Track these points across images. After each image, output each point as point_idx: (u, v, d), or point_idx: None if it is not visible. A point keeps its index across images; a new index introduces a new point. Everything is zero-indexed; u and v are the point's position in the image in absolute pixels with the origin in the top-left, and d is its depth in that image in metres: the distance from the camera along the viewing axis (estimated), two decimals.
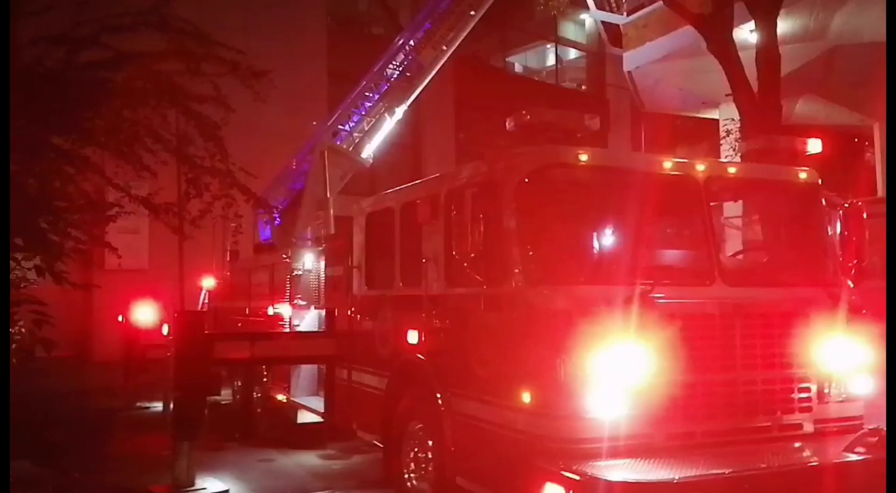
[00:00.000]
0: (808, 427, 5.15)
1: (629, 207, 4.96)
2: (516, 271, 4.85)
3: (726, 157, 14.34)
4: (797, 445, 5.00)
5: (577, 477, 4.27)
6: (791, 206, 5.76)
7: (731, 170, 5.41)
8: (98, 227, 6.34)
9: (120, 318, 12.43)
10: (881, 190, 17.36)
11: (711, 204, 5.29)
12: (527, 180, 4.92)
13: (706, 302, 4.95)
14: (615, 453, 4.51)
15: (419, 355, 6.00)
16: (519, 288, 4.80)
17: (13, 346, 5.54)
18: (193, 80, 5.37)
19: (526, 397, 4.72)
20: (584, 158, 4.90)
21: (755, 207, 5.88)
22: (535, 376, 4.68)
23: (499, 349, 5.02)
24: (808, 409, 5.16)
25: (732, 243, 6.00)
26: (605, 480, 4.20)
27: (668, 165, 5.19)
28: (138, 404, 12.23)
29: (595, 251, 5.11)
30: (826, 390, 5.21)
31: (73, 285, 5.71)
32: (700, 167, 5.25)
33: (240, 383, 10.58)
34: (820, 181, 5.69)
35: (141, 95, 5.01)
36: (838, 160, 5.53)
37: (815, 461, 4.79)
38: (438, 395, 5.65)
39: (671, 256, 5.49)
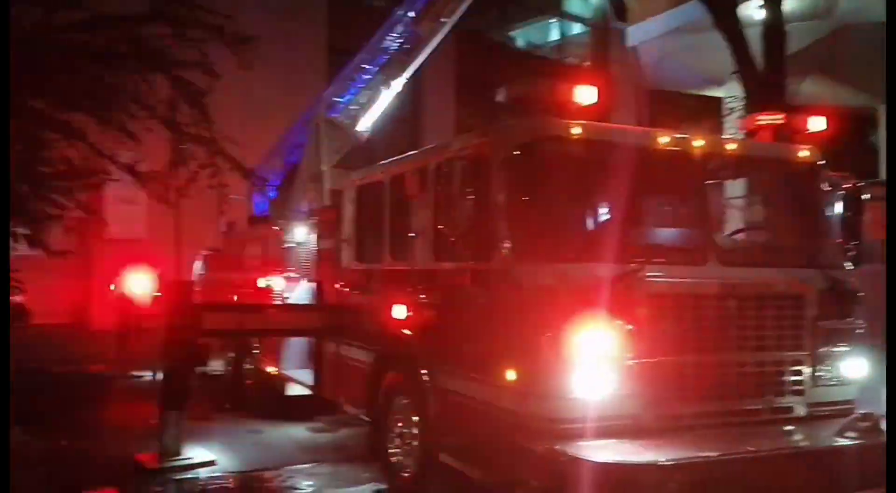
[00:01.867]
0: (800, 411, 5.06)
1: (622, 182, 4.82)
2: (504, 246, 4.73)
3: (730, 135, 14.18)
4: (788, 428, 4.92)
5: (559, 456, 4.19)
6: (791, 185, 5.61)
7: (730, 146, 5.26)
8: (84, 194, 6.21)
9: (112, 287, 12.36)
10: (884, 171, 17.19)
11: (708, 181, 5.15)
12: (517, 153, 4.77)
13: (698, 281, 4.83)
14: (601, 433, 4.43)
15: (405, 331, 5.91)
16: (506, 264, 4.68)
17: None
18: (179, 47, 5.21)
19: (511, 375, 4.62)
20: (576, 131, 4.75)
21: (754, 186, 5.74)
22: (521, 353, 4.58)
23: (485, 326, 4.92)
24: (801, 392, 5.07)
25: (734, 224, 5.86)
26: (588, 460, 4.12)
27: (664, 140, 5.03)
28: (130, 373, 12.19)
29: (586, 228, 4.99)
30: (819, 374, 5.11)
31: (53, 253, 5.60)
32: (697, 143, 5.10)
33: (232, 355, 10.53)
34: (821, 161, 5.54)
35: (122, 58, 4.86)
36: (842, 141, 5.39)
37: (805, 446, 4.71)
38: (424, 371, 5.57)
39: (664, 234, 5.37)
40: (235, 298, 10.38)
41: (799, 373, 5.07)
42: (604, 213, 5.03)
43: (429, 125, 23.33)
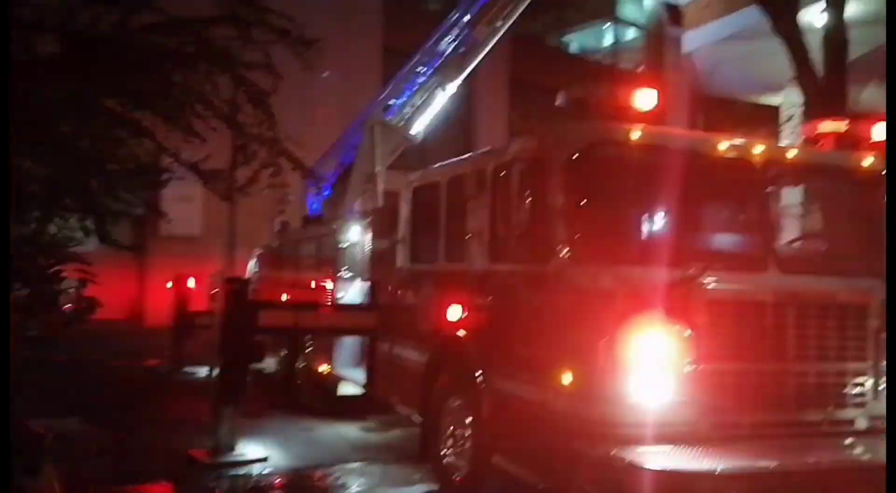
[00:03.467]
0: (862, 423, 4.95)
1: (681, 187, 4.79)
2: (562, 249, 4.74)
3: (789, 142, 13.92)
4: (849, 441, 4.81)
5: (616, 462, 4.18)
6: (852, 193, 5.51)
7: (791, 154, 5.19)
8: (150, 191, 6.42)
9: (169, 284, 12.67)
10: None
11: (769, 189, 5.09)
12: (576, 157, 4.78)
13: (758, 289, 4.77)
14: (657, 440, 4.39)
15: (460, 332, 5.95)
16: (564, 267, 4.69)
17: (67, 305, 5.65)
18: (244, 48, 5.36)
19: (567, 379, 4.63)
20: (635, 135, 4.75)
21: (815, 194, 5.65)
22: (578, 356, 4.58)
23: (541, 328, 4.93)
24: (862, 404, 4.96)
25: (794, 232, 5.78)
26: (645, 467, 4.10)
27: (723, 146, 4.99)
28: (185, 369, 12.47)
29: (644, 232, 4.96)
30: (881, 386, 5.00)
31: (122, 247, 5.79)
32: (758, 150, 5.04)
33: (284, 353, 10.70)
34: (884, 169, 5.43)
35: (192, 59, 5.01)
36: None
37: (867, 459, 4.60)
38: (478, 372, 5.60)
39: (724, 240, 5.32)
40: (285, 297, 10.57)
41: (861, 384, 4.97)
42: (662, 217, 4.99)
43: (481, 128, 23.39)
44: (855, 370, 4.95)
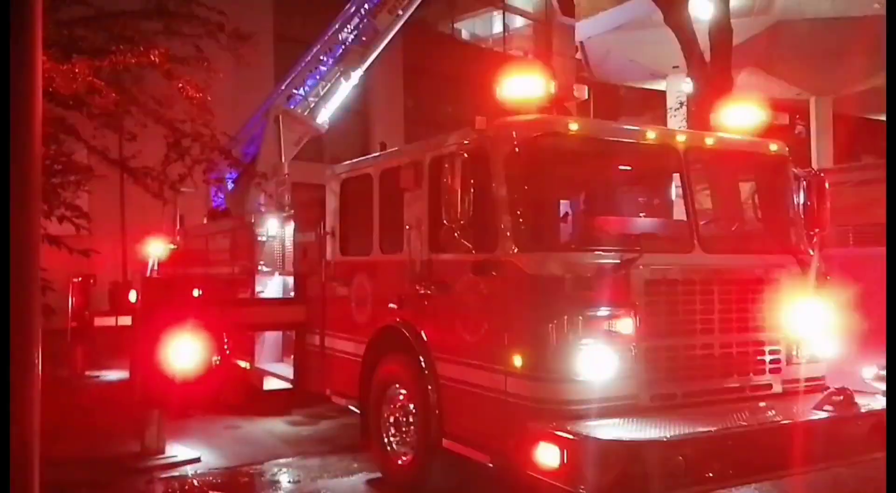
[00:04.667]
0: (777, 388, 5.43)
1: (615, 175, 5.10)
2: (507, 237, 4.93)
3: (679, 126, 14.71)
4: (769, 404, 5.27)
5: (572, 437, 4.42)
6: (761, 175, 5.99)
7: (709, 140, 5.58)
8: (70, 191, 6.14)
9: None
10: (815, 161, 18.08)
11: (690, 173, 5.46)
12: (518, 149, 4.98)
13: (687, 269, 5.13)
14: (604, 413, 4.68)
15: (400, 322, 6.05)
16: (511, 255, 4.89)
17: None
18: (173, 42, 5.22)
19: (517, 361, 4.84)
20: (574, 127, 5.00)
21: (729, 177, 6.08)
22: (527, 340, 4.80)
23: (489, 315, 5.12)
24: (778, 370, 5.44)
25: (709, 214, 6.20)
26: (599, 438, 4.37)
27: (651, 135, 5.32)
28: (87, 373, 11.96)
29: (582, 219, 5.22)
30: (794, 353, 5.49)
31: (73, 250, 5.51)
32: (680, 137, 5.41)
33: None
34: (787, 153, 5.93)
35: (119, 54, 4.84)
36: (773, 133, 5.77)
37: (790, 419, 5.05)
38: (422, 359, 5.73)
39: (654, 224, 5.66)
40: (197, 293, 10.32)
41: (776, 352, 5.44)
42: (598, 204, 5.27)
43: (377, 115, 23.34)
44: (770, 339, 5.41)
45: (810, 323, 5.55)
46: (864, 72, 16.54)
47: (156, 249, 13.34)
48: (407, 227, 5.95)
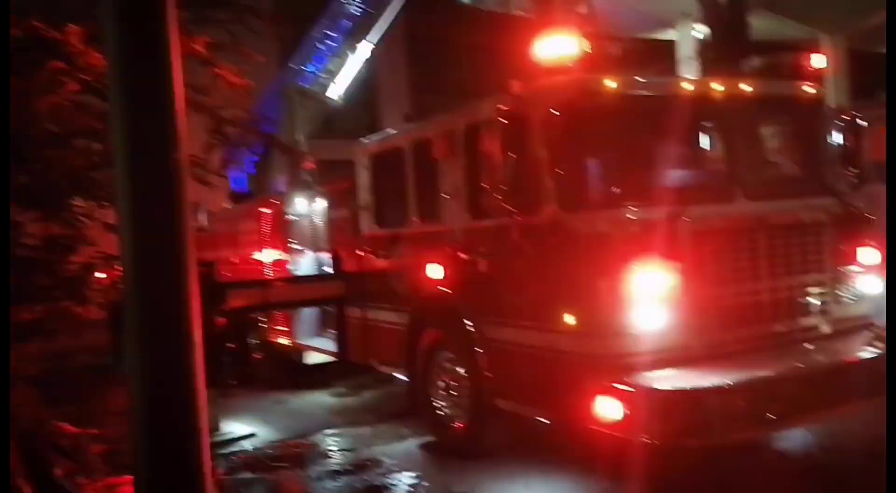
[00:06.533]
0: (826, 328, 5.49)
1: (655, 130, 5.11)
2: (551, 199, 4.98)
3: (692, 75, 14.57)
4: (819, 345, 5.33)
5: (632, 389, 4.52)
6: (798, 118, 5.98)
7: (745, 87, 5.57)
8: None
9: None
10: (832, 100, 17.90)
11: (729, 122, 5.47)
12: (555, 111, 5.00)
13: (731, 217, 5.17)
14: (659, 364, 4.76)
15: (444, 288, 6.13)
16: (559, 215, 4.94)
17: None
18: (203, 30, 5.23)
19: (569, 319, 4.91)
20: (610, 84, 5.01)
21: (764, 122, 6.07)
22: (578, 298, 4.87)
23: (536, 276, 5.18)
24: (826, 311, 5.49)
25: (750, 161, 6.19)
26: (660, 389, 4.47)
27: (688, 86, 5.33)
28: None
29: (625, 175, 5.24)
30: (840, 293, 5.54)
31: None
32: (716, 86, 5.41)
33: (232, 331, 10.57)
34: (824, 95, 5.92)
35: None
36: (789, 74, 5.74)
37: (840, 359, 5.13)
38: (469, 324, 5.83)
39: (696, 175, 5.68)
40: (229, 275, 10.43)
41: (823, 294, 5.48)
42: (640, 160, 5.30)
43: (383, 86, 23.22)
44: (817, 281, 5.46)
45: (855, 262, 5.59)
46: (875, 5, 16.25)
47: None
48: (445, 196, 6.00)
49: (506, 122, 5.12)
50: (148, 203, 2.67)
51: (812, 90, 5.82)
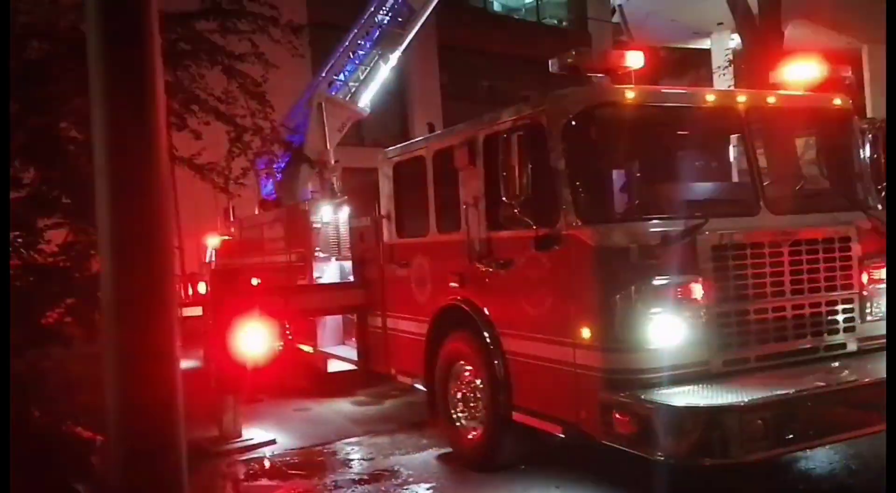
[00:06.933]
0: (852, 346, 5.34)
1: (675, 141, 5.04)
2: (569, 211, 4.93)
3: (728, 85, 14.40)
4: (844, 363, 5.19)
5: (648, 405, 4.43)
6: (826, 131, 5.85)
7: (771, 99, 5.47)
8: None
9: None
10: (870, 110, 17.54)
11: (752, 134, 5.36)
12: (574, 121, 4.95)
13: (754, 231, 5.06)
14: (677, 381, 4.68)
15: (462, 299, 6.10)
16: (575, 227, 4.88)
17: None
18: (229, 39, 5.29)
19: (585, 333, 4.85)
20: (631, 95, 4.94)
21: (790, 135, 5.95)
22: (595, 312, 4.80)
23: (554, 288, 5.13)
24: (852, 328, 5.35)
25: (773, 175, 6.08)
26: (675, 406, 4.38)
27: (710, 98, 5.24)
28: None
29: (644, 187, 5.18)
30: (867, 310, 5.39)
31: None
32: (741, 98, 5.31)
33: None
34: (851, 107, 5.78)
35: (182, 56, 4.92)
36: (821, 86, 5.59)
37: (866, 378, 4.98)
38: (487, 336, 5.78)
39: (717, 188, 5.59)
40: (256, 282, 10.51)
41: (850, 311, 5.34)
42: (659, 172, 5.22)
43: (414, 94, 23.34)
44: (844, 298, 5.32)
45: (882, 279, 5.44)
46: None
47: (212, 241, 13.64)
48: (464, 206, 5.97)
49: (523, 132, 5.08)
50: (127, 211, 2.65)
51: (840, 101, 5.69)
